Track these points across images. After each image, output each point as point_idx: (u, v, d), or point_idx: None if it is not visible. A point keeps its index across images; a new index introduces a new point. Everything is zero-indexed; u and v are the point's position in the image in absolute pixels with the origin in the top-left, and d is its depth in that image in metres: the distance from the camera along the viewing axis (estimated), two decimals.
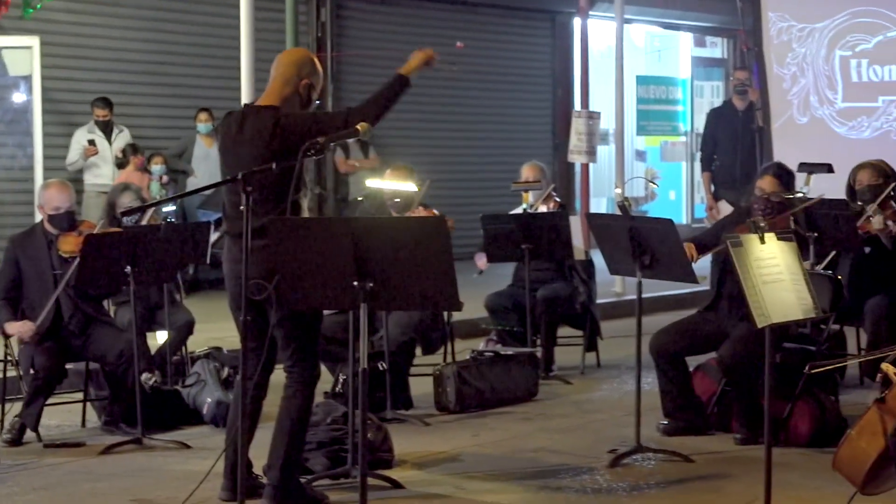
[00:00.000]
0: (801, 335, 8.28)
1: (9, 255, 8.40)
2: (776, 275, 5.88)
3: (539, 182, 10.63)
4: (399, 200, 9.06)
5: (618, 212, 7.80)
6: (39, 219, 8.54)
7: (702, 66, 23.84)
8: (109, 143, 14.38)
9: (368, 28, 17.91)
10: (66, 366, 8.34)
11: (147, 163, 14.40)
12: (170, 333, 9.23)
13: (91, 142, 14.26)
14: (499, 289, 10.60)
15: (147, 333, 9.17)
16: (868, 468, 5.47)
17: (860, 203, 9.11)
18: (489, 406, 9.07)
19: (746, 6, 16.12)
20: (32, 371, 8.11)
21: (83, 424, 8.63)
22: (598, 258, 8.11)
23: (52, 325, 8.20)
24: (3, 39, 14.36)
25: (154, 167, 14.42)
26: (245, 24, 10.35)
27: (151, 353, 8.99)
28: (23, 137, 14.62)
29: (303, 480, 6.62)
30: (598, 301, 11.00)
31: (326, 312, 7.62)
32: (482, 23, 19.22)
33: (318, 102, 8.50)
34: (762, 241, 5.92)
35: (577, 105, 17.52)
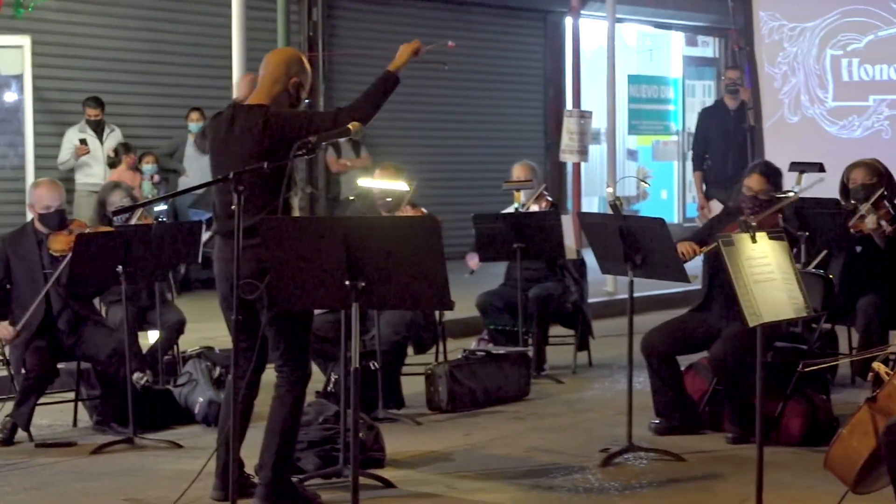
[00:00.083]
0: (793, 334, 8.29)
1: None
2: (767, 274, 5.88)
3: (531, 181, 10.63)
4: (391, 200, 9.07)
5: (609, 211, 7.80)
6: (30, 218, 8.52)
7: (693, 66, 23.84)
8: (101, 143, 14.34)
9: (360, 27, 17.90)
10: (58, 365, 8.33)
11: (138, 162, 14.38)
12: (161, 333, 9.23)
13: (83, 141, 14.23)
14: (490, 288, 10.60)
15: (138, 333, 9.15)
16: (859, 467, 5.47)
17: (853, 202, 9.11)
18: (481, 405, 9.07)
19: (738, 5, 16.15)
20: (23, 370, 8.10)
21: (74, 424, 8.62)
22: (590, 257, 8.10)
23: (43, 325, 8.18)
24: None
25: (145, 166, 14.39)
26: (236, 24, 10.35)
27: (143, 353, 8.97)
28: (14, 137, 14.60)
29: (294, 480, 6.61)
30: (590, 300, 11.00)
31: (318, 312, 7.63)
32: (473, 22, 19.21)
33: (308, 101, 8.48)
34: (753, 241, 5.92)
35: (569, 104, 17.49)
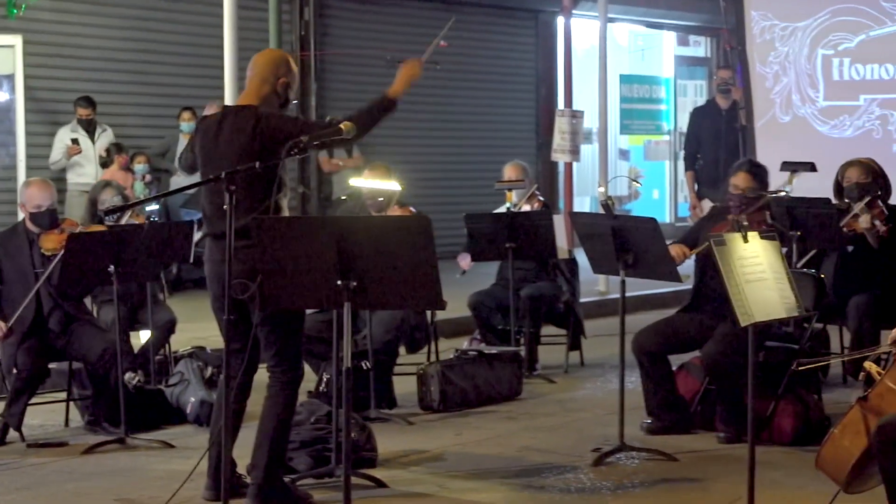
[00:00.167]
0: (784, 334, 8.29)
1: None
2: (759, 273, 5.89)
3: (522, 181, 10.63)
4: (382, 199, 9.05)
5: (601, 211, 7.80)
6: (21, 217, 8.51)
7: (685, 65, 23.85)
8: (93, 142, 14.33)
9: (352, 27, 17.89)
10: (50, 365, 8.32)
11: (130, 162, 14.37)
12: (153, 332, 9.22)
13: (74, 141, 14.21)
14: (482, 288, 10.60)
15: (130, 332, 9.14)
16: (851, 467, 5.48)
17: (847, 200, 9.10)
18: (473, 405, 9.07)
19: (729, 5, 16.17)
20: (15, 370, 8.09)
21: (66, 424, 8.60)
22: (582, 257, 8.10)
23: (34, 324, 8.16)
24: None
25: (137, 166, 14.38)
26: (228, 24, 10.34)
27: (134, 353, 8.97)
28: (5, 136, 14.60)
29: (286, 480, 6.61)
30: (582, 300, 11.02)
31: (309, 312, 7.62)
32: (465, 22, 19.15)
33: (296, 102, 8.49)
34: (745, 240, 5.93)
35: (561, 104, 17.50)
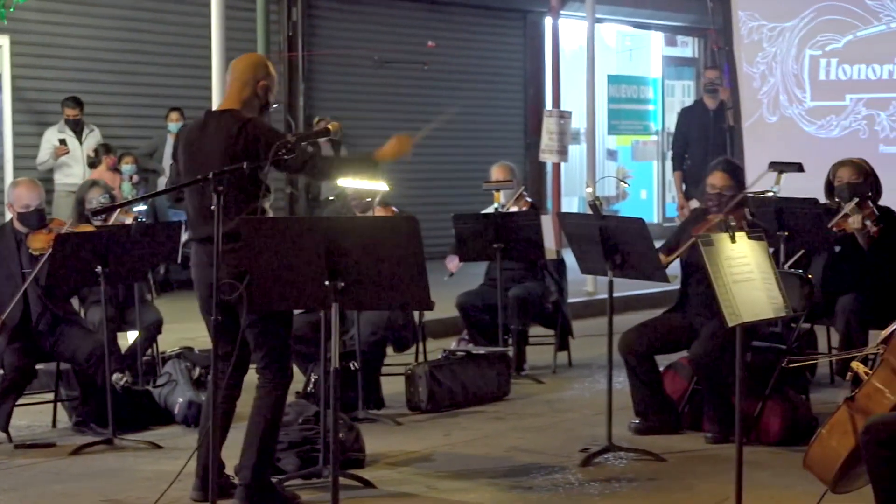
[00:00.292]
0: (772, 334, 8.30)
1: None
2: (747, 274, 5.88)
3: (510, 181, 10.63)
4: (370, 199, 9.03)
5: (589, 211, 7.80)
6: (9, 218, 8.49)
7: (673, 66, 23.88)
8: (80, 143, 14.31)
9: (340, 27, 17.88)
10: (37, 366, 8.30)
11: (118, 162, 14.35)
12: (140, 333, 9.20)
13: (62, 141, 14.19)
14: (470, 288, 10.59)
15: (117, 333, 9.13)
16: (838, 467, 5.49)
17: (837, 200, 9.11)
18: (461, 405, 9.07)
19: (717, 5, 16.20)
20: (2, 371, 8.06)
21: (54, 425, 8.59)
22: (570, 257, 8.11)
23: (21, 325, 8.15)
24: None
25: (124, 167, 14.37)
26: (216, 24, 10.33)
27: (122, 353, 8.95)
28: None
29: (274, 480, 6.61)
30: (570, 300, 11.02)
31: (297, 312, 7.62)
32: (453, 22, 19.21)
33: (277, 105, 8.49)
34: (733, 241, 5.93)
35: (549, 104, 17.51)
